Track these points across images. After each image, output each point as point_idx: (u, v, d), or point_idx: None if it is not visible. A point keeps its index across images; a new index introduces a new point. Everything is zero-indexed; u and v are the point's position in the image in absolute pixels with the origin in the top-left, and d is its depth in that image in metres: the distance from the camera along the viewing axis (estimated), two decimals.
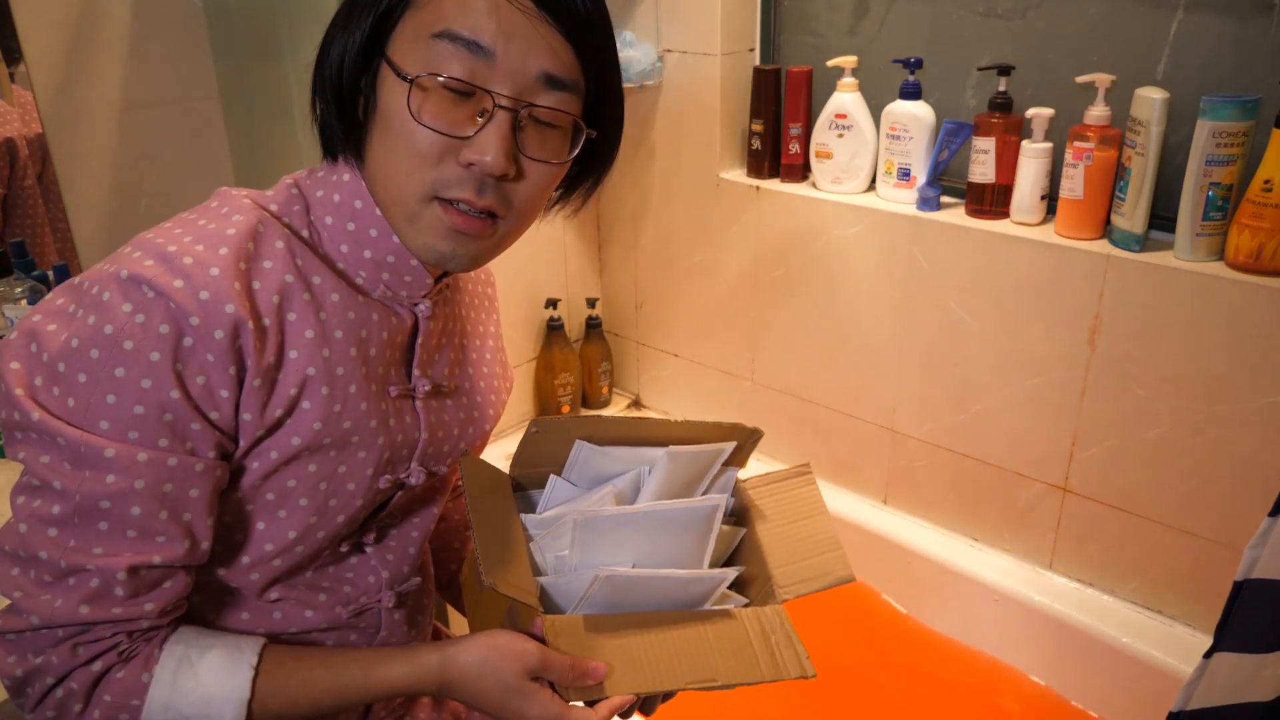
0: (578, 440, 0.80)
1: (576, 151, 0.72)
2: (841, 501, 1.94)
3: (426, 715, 0.93)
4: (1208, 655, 0.83)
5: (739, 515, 0.90)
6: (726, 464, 0.87)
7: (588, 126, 0.72)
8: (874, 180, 1.78)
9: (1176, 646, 1.53)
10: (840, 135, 1.76)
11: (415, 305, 0.76)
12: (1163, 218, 1.48)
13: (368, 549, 0.80)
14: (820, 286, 1.85)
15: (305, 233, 0.71)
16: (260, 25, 1.49)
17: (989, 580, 1.72)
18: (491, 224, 0.70)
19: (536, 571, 0.79)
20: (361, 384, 0.72)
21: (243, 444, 0.67)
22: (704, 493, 0.85)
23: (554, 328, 2.14)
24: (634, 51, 1.89)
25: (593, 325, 2.23)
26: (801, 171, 1.86)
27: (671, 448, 0.80)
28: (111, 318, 0.61)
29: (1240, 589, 0.80)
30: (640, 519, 0.76)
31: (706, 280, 2.05)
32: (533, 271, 2.13)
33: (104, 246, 1.47)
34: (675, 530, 0.78)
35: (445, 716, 0.95)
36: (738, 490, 0.89)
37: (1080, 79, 1.48)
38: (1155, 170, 1.41)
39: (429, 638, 0.94)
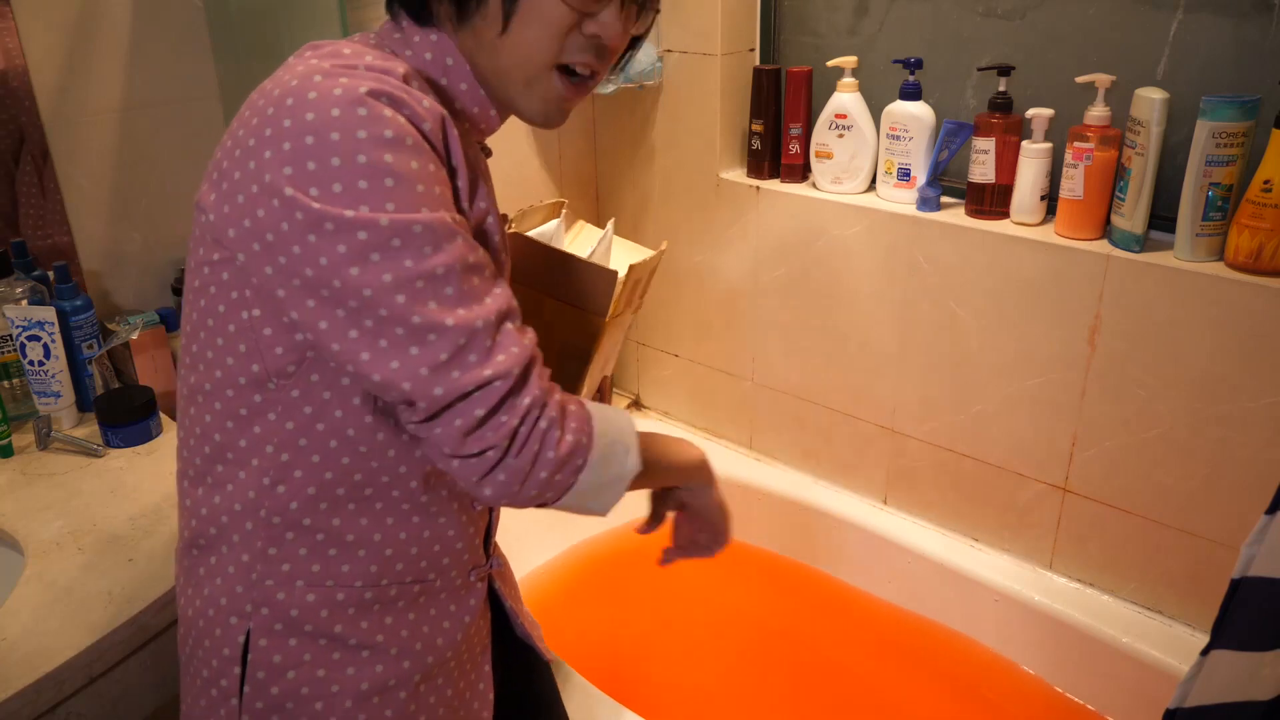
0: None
1: (650, 22, 0.84)
2: (841, 501, 1.95)
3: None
4: (1204, 653, 0.83)
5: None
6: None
7: None
8: (874, 180, 1.78)
9: (1176, 646, 1.53)
10: (840, 135, 1.76)
11: (482, 148, 0.87)
12: (1163, 218, 1.48)
13: None
14: (820, 286, 1.85)
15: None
16: (260, 25, 1.49)
17: (989, 580, 1.72)
18: (587, 86, 0.80)
19: None
20: (492, 204, 0.82)
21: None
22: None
23: None
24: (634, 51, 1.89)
25: None
26: (801, 172, 1.86)
27: (555, 223, 1.05)
28: (390, 125, 0.67)
29: (1237, 587, 0.80)
30: (599, 255, 1.05)
31: (706, 280, 2.05)
32: None
33: (104, 246, 1.47)
34: (606, 255, 1.07)
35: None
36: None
37: (1080, 79, 1.48)
38: (1155, 170, 1.41)
39: None
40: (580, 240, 1.21)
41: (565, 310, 0.94)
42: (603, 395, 1.10)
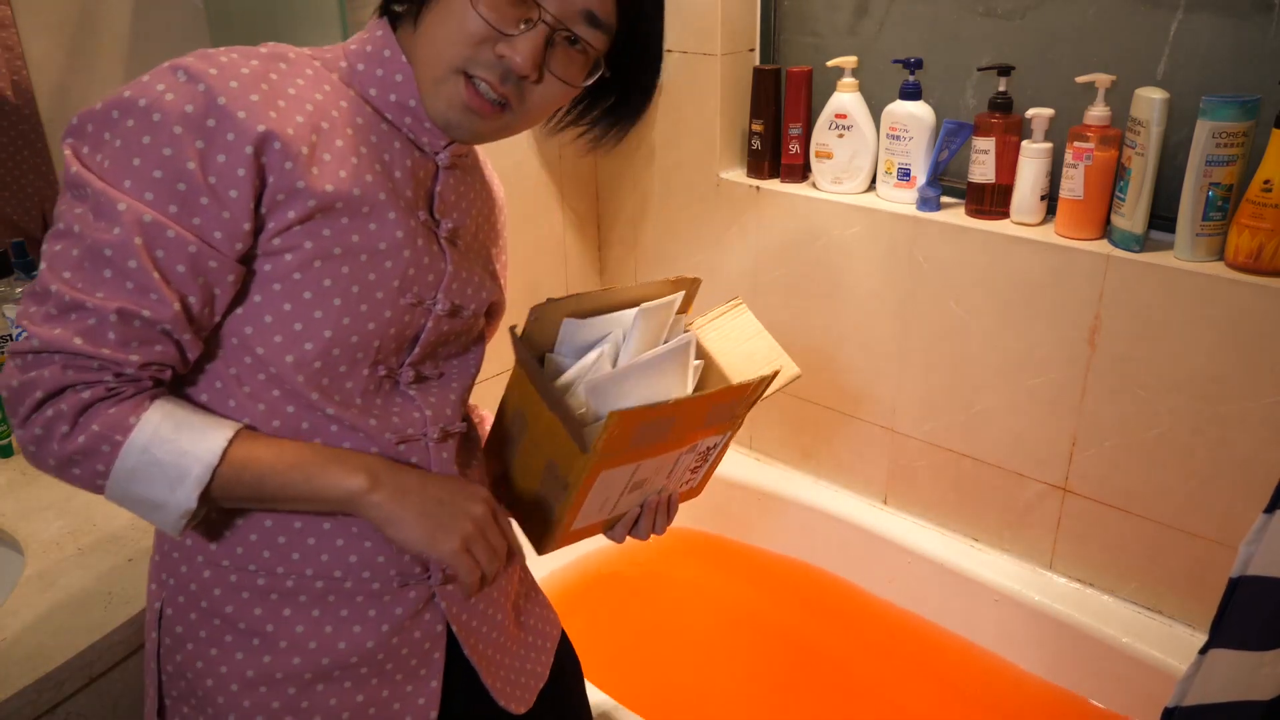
0: (565, 319, 0.90)
1: (590, 82, 0.83)
2: (841, 501, 1.95)
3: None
4: (1203, 651, 0.83)
5: (696, 351, 0.99)
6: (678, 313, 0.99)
7: (611, 67, 0.83)
8: (874, 180, 1.78)
9: (1176, 646, 1.53)
10: (840, 135, 1.76)
11: (436, 154, 0.84)
12: (1163, 218, 1.48)
13: (411, 392, 0.86)
14: (820, 287, 1.85)
15: (336, 74, 0.81)
16: (260, 26, 1.49)
17: (989, 580, 1.72)
18: (500, 112, 0.79)
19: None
20: (390, 195, 0.80)
21: (272, 225, 0.74)
22: (667, 338, 0.95)
23: None
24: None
25: None
26: (801, 172, 1.86)
27: (643, 305, 0.91)
28: (146, 94, 0.72)
29: (1235, 586, 0.80)
30: (634, 370, 0.88)
31: (706, 281, 2.05)
32: (533, 272, 2.13)
33: None
34: (663, 371, 0.90)
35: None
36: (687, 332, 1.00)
37: (1080, 79, 1.48)
38: (1155, 170, 1.41)
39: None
40: (712, 334, 1.03)
41: (556, 427, 0.83)
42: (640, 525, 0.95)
